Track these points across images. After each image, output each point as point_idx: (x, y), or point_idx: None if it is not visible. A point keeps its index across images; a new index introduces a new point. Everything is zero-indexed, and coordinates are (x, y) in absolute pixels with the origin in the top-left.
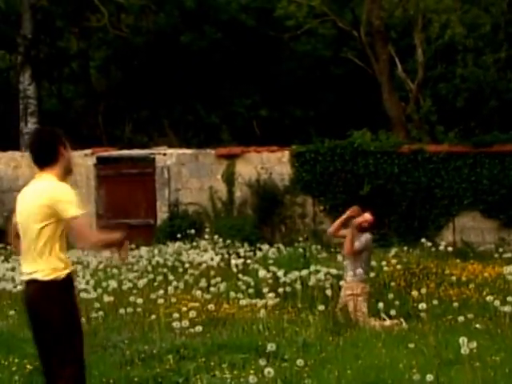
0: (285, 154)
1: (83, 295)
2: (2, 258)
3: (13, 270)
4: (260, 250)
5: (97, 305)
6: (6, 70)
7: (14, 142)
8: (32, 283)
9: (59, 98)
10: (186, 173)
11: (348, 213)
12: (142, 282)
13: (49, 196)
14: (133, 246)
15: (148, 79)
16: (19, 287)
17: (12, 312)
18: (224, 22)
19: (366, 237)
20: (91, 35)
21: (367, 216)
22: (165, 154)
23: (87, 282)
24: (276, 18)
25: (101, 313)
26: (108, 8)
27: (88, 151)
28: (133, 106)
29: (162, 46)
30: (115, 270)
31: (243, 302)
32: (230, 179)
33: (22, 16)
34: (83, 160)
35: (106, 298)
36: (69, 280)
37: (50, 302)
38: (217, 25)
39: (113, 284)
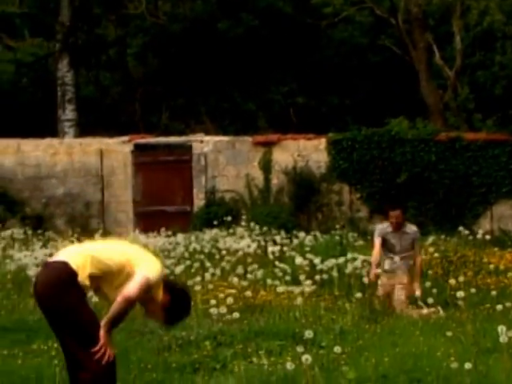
0: (321, 142)
1: None
2: (41, 243)
3: (51, 255)
4: (296, 237)
5: None
6: (45, 57)
7: (51, 129)
8: None
9: (96, 85)
10: (223, 160)
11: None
12: (179, 269)
13: None
14: (169, 232)
15: (185, 66)
16: None
17: None
18: (261, 9)
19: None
20: (128, 22)
21: None
22: (202, 141)
23: None
24: (313, 6)
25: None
26: None
27: (125, 138)
28: (170, 93)
29: (199, 33)
30: None
31: (280, 289)
32: (266, 166)
33: (60, 3)
34: (120, 147)
35: None
36: None
37: None
38: (254, 12)
39: None
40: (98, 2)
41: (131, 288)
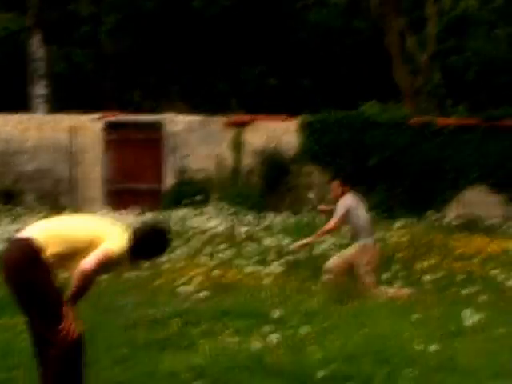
0: (293, 124)
1: None
2: (10, 219)
3: (19, 231)
4: (266, 218)
5: None
6: (16, 32)
7: (22, 105)
8: None
9: (68, 61)
10: (194, 140)
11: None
12: None
13: None
14: (139, 211)
15: (158, 45)
16: None
17: None
18: None
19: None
20: None
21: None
22: (173, 120)
23: None
24: None
25: (105, 276)
26: None
27: (96, 115)
28: (142, 71)
29: (173, 11)
30: None
31: (248, 270)
32: (237, 147)
33: None
34: (92, 124)
35: None
36: None
37: None
38: None
39: None
40: None
41: (88, 262)
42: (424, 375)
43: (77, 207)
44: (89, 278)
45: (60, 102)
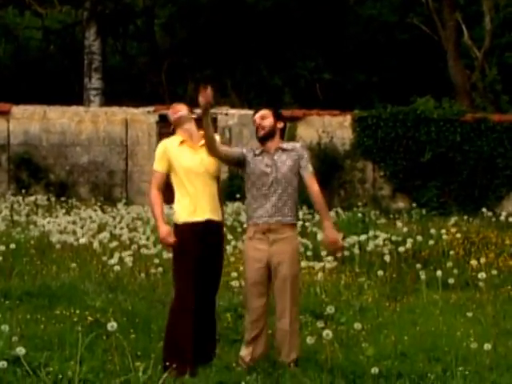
0: (347, 119)
1: (143, 251)
2: (64, 210)
3: (74, 223)
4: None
5: (156, 261)
6: (72, 25)
7: (77, 97)
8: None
9: (123, 54)
10: (248, 134)
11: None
12: None
13: None
14: None
15: (212, 38)
16: (81, 240)
17: (74, 265)
18: None
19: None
20: None
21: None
22: (227, 114)
23: (147, 238)
24: None
25: (160, 269)
26: None
27: (150, 108)
28: (196, 64)
29: (227, 4)
30: None
31: (301, 265)
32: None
33: None
34: (145, 117)
35: (166, 255)
36: None
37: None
38: None
39: None
40: None
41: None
42: (477, 374)
43: (130, 200)
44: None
45: (114, 95)
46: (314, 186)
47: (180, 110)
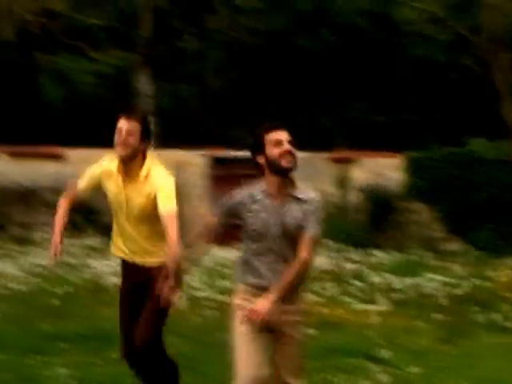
0: (398, 160)
1: (195, 293)
2: None
3: None
4: (372, 255)
5: (210, 303)
6: (125, 68)
7: None
8: None
9: (175, 97)
10: (299, 176)
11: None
12: None
13: None
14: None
15: (262, 80)
16: None
17: None
18: (339, 25)
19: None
20: (208, 36)
21: None
22: None
23: (199, 280)
24: (392, 22)
25: (215, 312)
26: (224, 9)
27: (202, 151)
28: (247, 107)
29: (277, 47)
30: (227, 270)
31: (354, 307)
32: (342, 183)
33: (142, 16)
34: (197, 160)
35: (220, 297)
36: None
37: None
38: (331, 27)
39: (225, 283)
40: (179, 16)
41: None
42: None
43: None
44: None
45: (166, 138)
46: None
47: None
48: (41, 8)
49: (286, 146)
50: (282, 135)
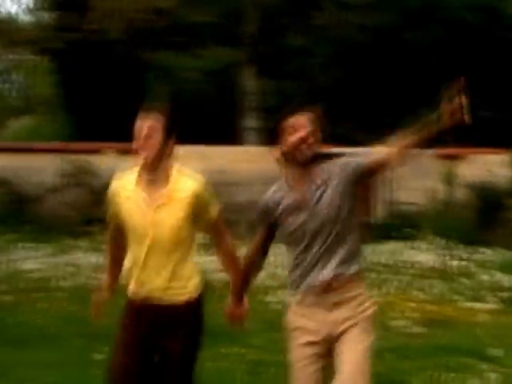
0: (507, 157)
1: None
2: None
3: None
4: (480, 253)
5: None
6: (230, 65)
7: (235, 137)
8: None
9: (280, 94)
10: (405, 172)
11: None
12: None
13: None
14: None
15: (369, 77)
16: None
17: None
18: (448, 20)
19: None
20: (314, 32)
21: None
22: None
23: None
24: (501, 17)
25: None
26: (331, 6)
27: None
28: (354, 104)
29: (385, 43)
30: None
31: (462, 305)
32: (450, 180)
33: (247, 13)
34: None
35: None
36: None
37: None
38: (440, 23)
39: None
40: (285, 12)
41: None
42: None
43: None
44: None
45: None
46: None
47: None
48: (147, 6)
49: (301, 133)
50: (301, 121)
